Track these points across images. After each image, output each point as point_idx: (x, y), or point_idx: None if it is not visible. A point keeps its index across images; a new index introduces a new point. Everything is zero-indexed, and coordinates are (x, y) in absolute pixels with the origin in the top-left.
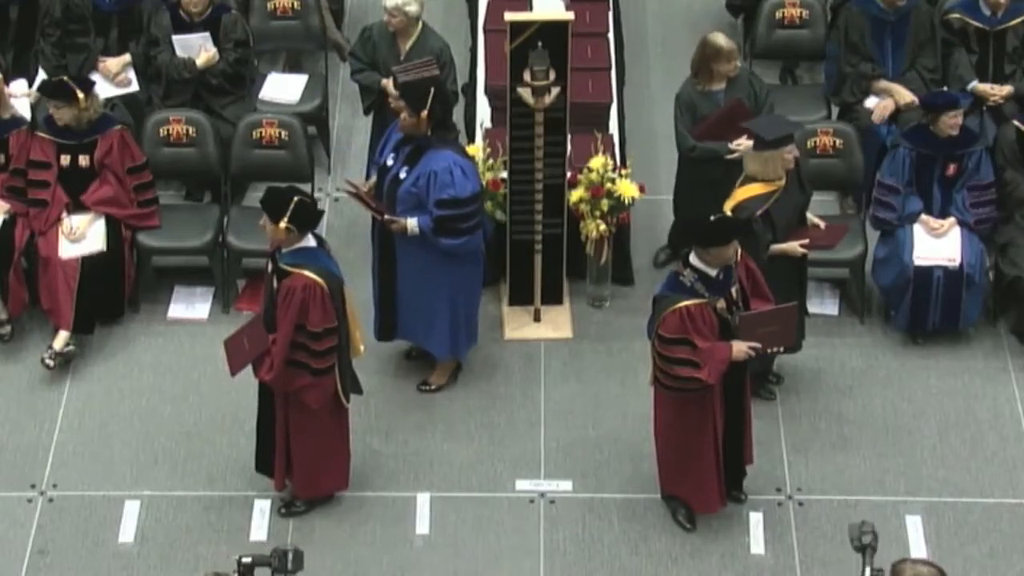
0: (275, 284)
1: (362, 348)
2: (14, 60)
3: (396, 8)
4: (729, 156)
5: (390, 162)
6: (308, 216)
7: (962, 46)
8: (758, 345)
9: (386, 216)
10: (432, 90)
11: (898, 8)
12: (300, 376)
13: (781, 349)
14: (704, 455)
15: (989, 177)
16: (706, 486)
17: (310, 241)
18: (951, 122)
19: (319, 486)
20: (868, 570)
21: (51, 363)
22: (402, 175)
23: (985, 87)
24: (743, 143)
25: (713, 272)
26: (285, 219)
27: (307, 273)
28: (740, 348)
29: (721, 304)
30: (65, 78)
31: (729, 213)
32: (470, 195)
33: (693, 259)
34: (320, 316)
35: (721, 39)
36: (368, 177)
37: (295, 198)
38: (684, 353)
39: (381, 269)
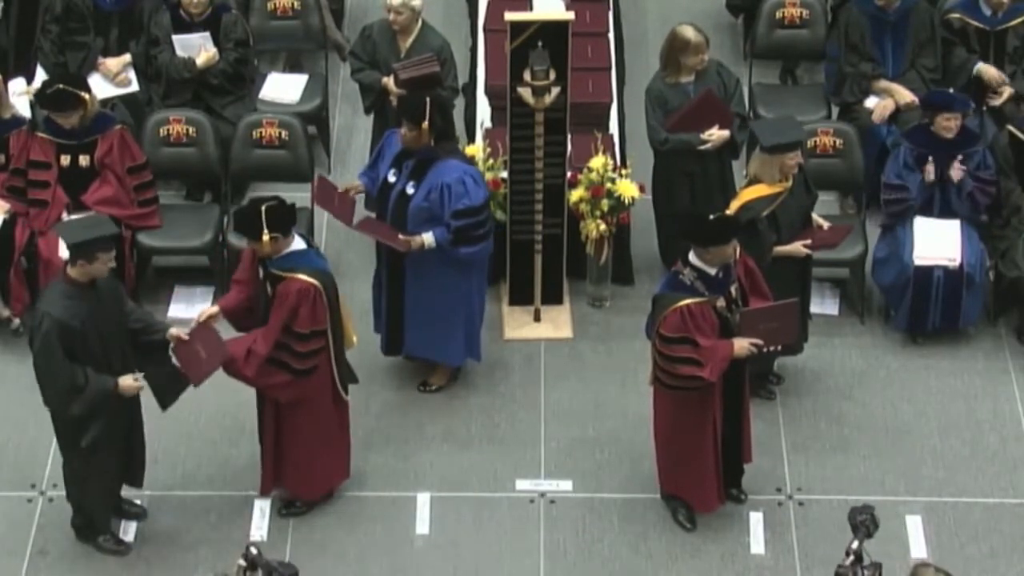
0: (269, 290)
1: (355, 339)
2: (15, 58)
3: (403, 4)
4: (701, 147)
5: (392, 178)
6: (284, 217)
7: (962, 45)
8: (759, 342)
9: (401, 237)
10: (428, 100)
11: (896, 7)
12: (277, 374)
13: (780, 347)
14: (704, 454)
15: (992, 175)
16: (705, 485)
17: (298, 243)
18: (945, 124)
19: (318, 484)
20: (855, 543)
21: None
22: (409, 190)
23: (992, 71)
24: (715, 133)
25: (712, 271)
26: (265, 231)
27: (301, 276)
28: (742, 345)
29: (721, 303)
30: (61, 86)
31: (733, 213)
32: (483, 202)
33: (692, 258)
34: (310, 318)
35: (689, 32)
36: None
37: (263, 207)
38: (686, 352)
39: (389, 286)
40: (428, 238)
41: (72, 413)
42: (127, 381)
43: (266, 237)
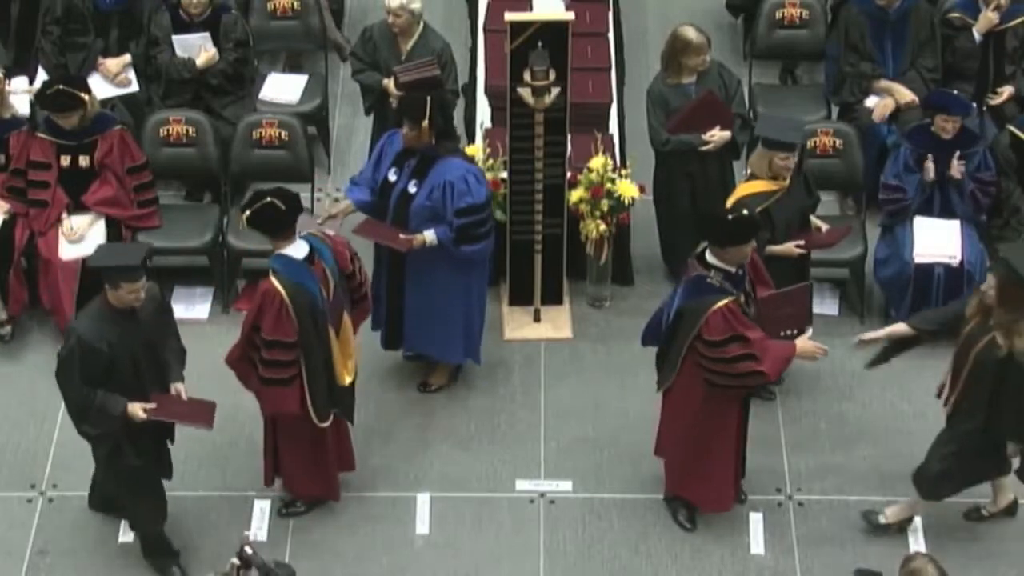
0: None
1: (348, 379)
2: (15, 57)
3: (401, 7)
4: (702, 148)
5: (393, 177)
6: (268, 220)
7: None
8: (825, 347)
9: (402, 236)
10: (428, 100)
11: (897, 7)
12: (251, 374)
13: (796, 332)
14: (724, 453)
15: (992, 176)
16: (723, 484)
17: (299, 251)
18: (943, 125)
19: (302, 487)
20: None
21: None
22: (412, 189)
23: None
24: (716, 134)
25: (733, 269)
26: (245, 213)
27: (273, 280)
28: (804, 347)
29: (741, 298)
30: (61, 86)
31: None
32: (485, 200)
33: (712, 259)
34: (272, 325)
35: (691, 32)
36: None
37: (265, 199)
38: (738, 349)
39: (389, 284)
40: (429, 236)
41: (82, 431)
42: (135, 408)
43: (242, 218)
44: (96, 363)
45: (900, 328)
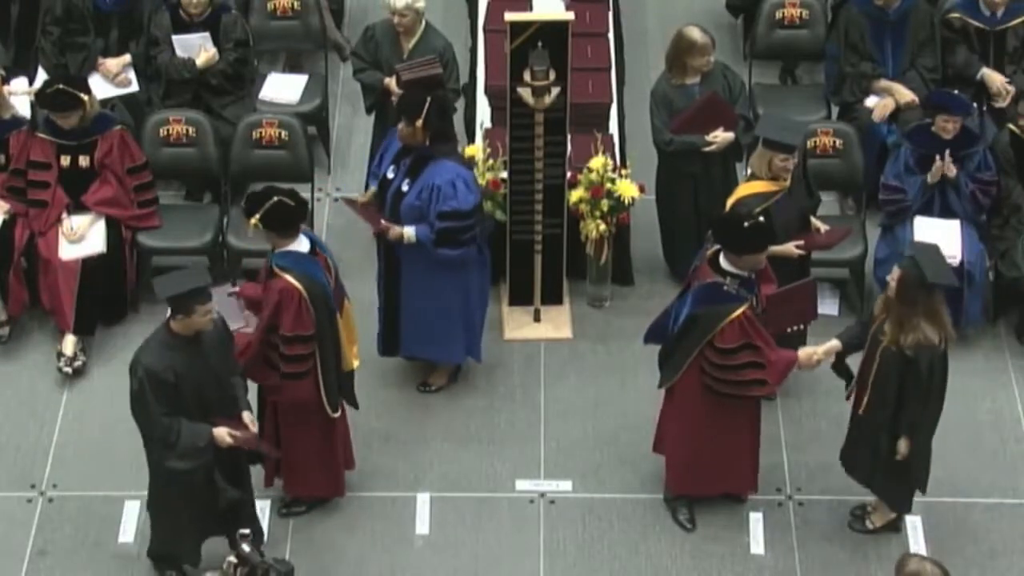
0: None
1: (356, 363)
2: (15, 58)
3: (407, 7)
4: (706, 148)
5: (391, 174)
6: (281, 218)
7: (963, 44)
8: (823, 355)
9: (382, 222)
10: (428, 100)
11: (896, 7)
12: (269, 374)
13: (801, 327)
14: (738, 444)
15: (992, 176)
16: (745, 469)
17: (302, 246)
18: (943, 125)
19: (306, 486)
20: None
21: (69, 370)
22: (404, 187)
23: (996, 79)
24: (719, 135)
25: (746, 273)
26: (256, 217)
27: (288, 278)
28: (808, 356)
29: (752, 301)
30: (61, 86)
31: (728, 209)
32: (472, 208)
33: (726, 265)
34: (293, 321)
35: (696, 33)
36: (367, 186)
37: (273, 198)
38: (748, 357)
39: (386, 286)
40: (409, 232)
41: (170, 467)
42: (221, 432)
43: (253, 221)
44: (163, 393)
45: (835, 344)
